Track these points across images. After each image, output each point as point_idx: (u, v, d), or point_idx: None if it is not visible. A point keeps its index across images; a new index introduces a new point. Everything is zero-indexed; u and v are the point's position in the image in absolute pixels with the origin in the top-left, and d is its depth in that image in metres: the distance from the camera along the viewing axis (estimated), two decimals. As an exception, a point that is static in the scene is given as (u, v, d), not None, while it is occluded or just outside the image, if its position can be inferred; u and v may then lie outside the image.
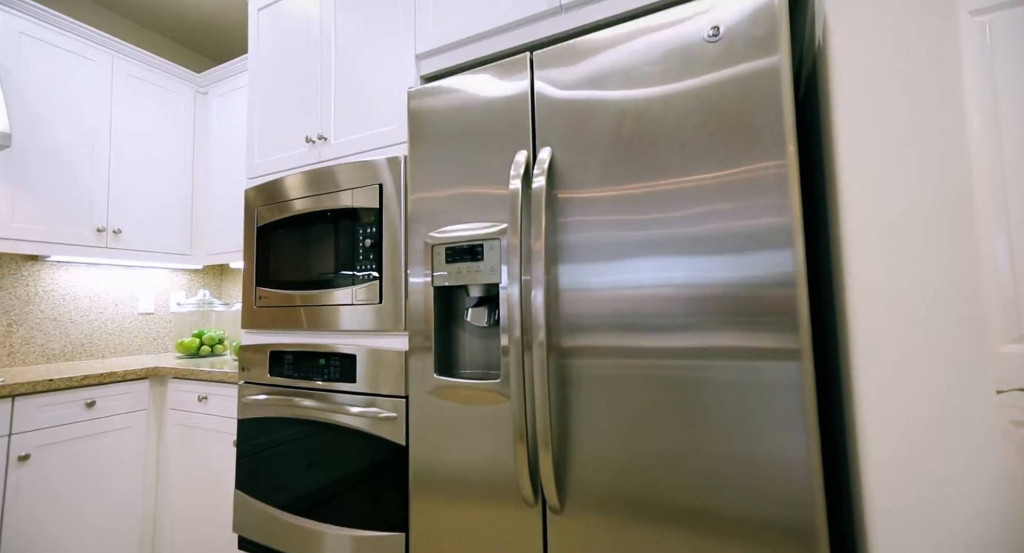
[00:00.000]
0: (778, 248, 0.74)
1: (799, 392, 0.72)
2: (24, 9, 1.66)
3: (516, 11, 1.11)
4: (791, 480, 0.72)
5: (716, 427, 0.77)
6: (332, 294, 1.30)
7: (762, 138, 0.76)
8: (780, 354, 0.73)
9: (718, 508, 0.76)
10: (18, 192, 1.62)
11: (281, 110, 1.51)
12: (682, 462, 0.79)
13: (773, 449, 0.73)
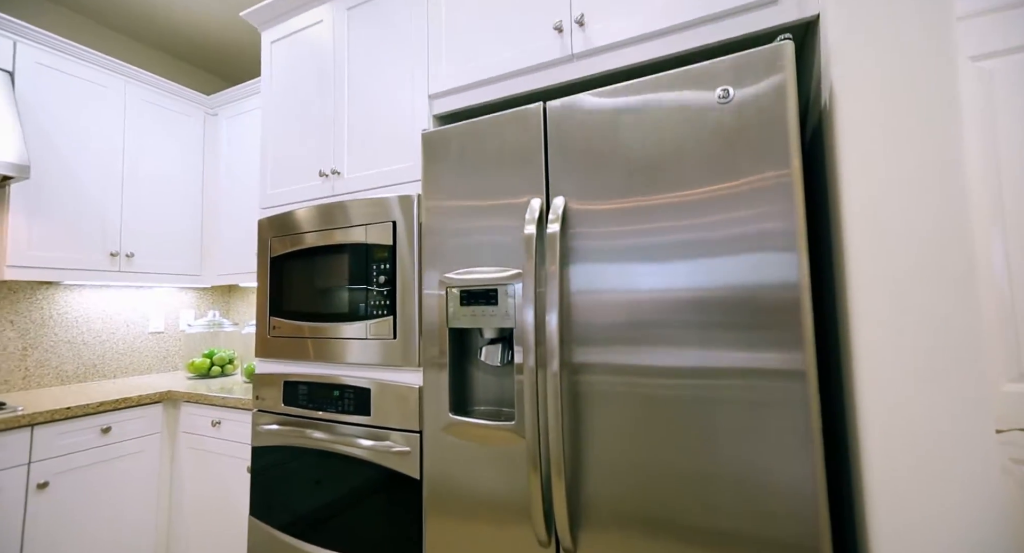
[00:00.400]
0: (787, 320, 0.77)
1: (805, 414, 0.75)
2: (41, 40, 1.69)
3: (529, 58, 1.14)
4: (798, 501, 0.75)
5: (726, 450, 0.80)
6: (346, 327, 1.33)
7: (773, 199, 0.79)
8: (786, 376, 0.76)
9: (729, 530, 0.79)
10: (35, 221, 1.65)
11: (295, 143, 1.54)
12: (693, 487, 0.82)
13: (781, 470, 0.76)
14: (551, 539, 0.95)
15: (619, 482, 0.88)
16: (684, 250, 0.85)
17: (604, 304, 0.92)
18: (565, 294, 0.95)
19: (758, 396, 0.79)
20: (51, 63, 1.71)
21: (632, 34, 1.02)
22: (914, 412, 0.71)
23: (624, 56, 1.04)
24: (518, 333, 1.00)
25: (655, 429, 0.86)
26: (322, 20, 1.50)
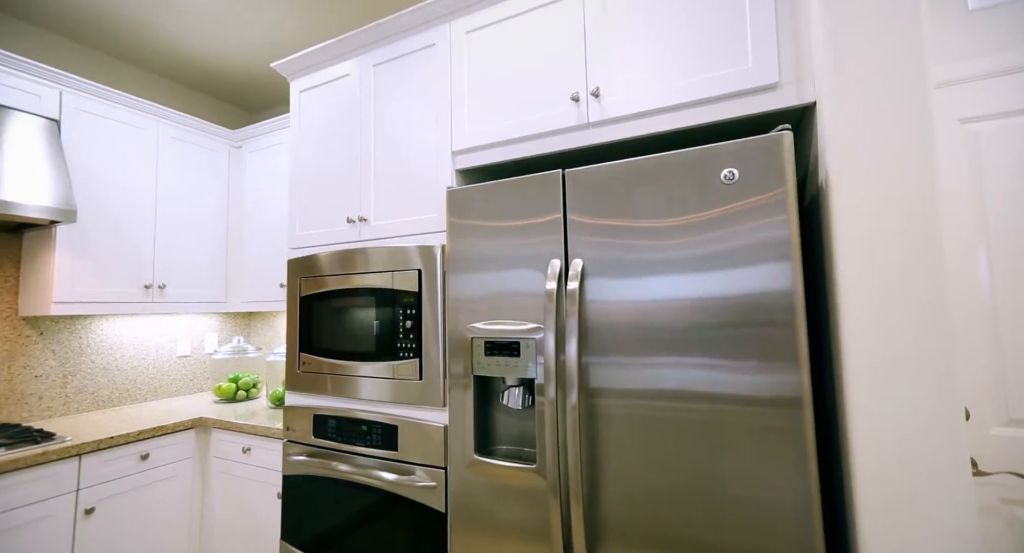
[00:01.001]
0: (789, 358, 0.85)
1: (802, 439, 0.84)
2: (84, 88, 1.80)
3: (548, 123, 1.23)
4: (796, 520, 0.83)
5: (729, 469, 0.88)
6: (372, 367, 1.42)
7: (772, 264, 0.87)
8: (790, 403, 0.85)
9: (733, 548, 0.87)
10: (78, 259, 1.75)
11: (322, 188, 1.63)
12: (699, 508, 0.90)
13: (780, 491, 0.84)
14: (570, 575, 1.03)
15: (631, 507, 0.97)
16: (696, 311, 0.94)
17: (619, 349, 1.00)
18: (584, 340, 1.04)
19: (760, 422, 0.87)
20: (92, 109, 1.82)
21: (644, 108, 1.10)
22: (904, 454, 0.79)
23: (637, 127, 1.12)
24: (540, 381, 1.08)
25: (663, 454, 0.94)
26: (349, 74, 1.60)
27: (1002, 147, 1.20)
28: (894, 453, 0.80)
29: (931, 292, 0.79)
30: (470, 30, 1.37)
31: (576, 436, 0.99)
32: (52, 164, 1.62)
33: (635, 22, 1.13)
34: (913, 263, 0.80)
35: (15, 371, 1.79)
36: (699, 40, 1.06)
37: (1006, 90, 1.19)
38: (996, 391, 1.19)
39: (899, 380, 0.80)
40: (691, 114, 1.07)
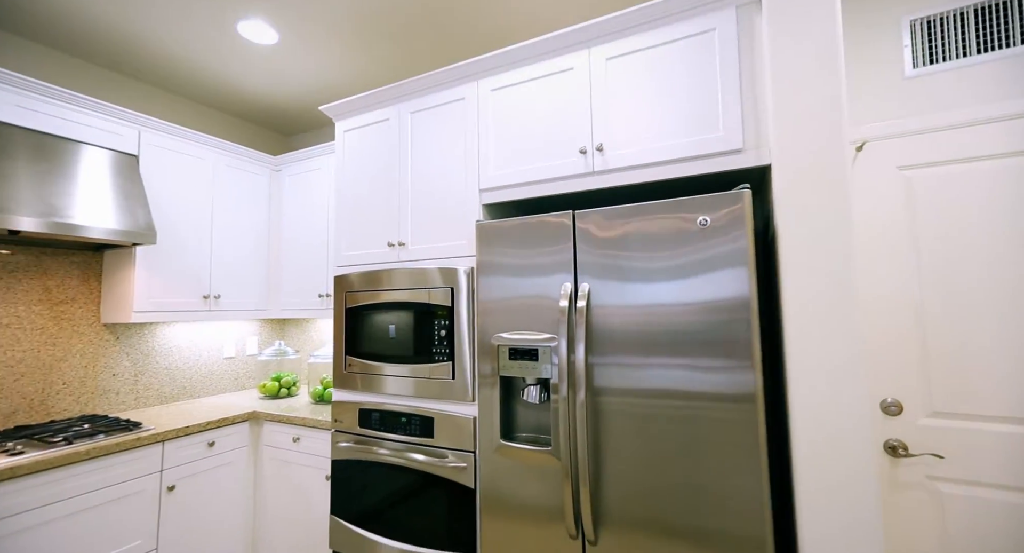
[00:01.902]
0: (746, 362, 1.13)
1: (755, 431, 1.10)
2: (158, 126, 2.08)
3: (559, 170, 1.50)
4: (751, 501, 1.10)
5: (699, 459, 1.15)
6: (412, 368, 1.69)
7: (734, 291, 1.15)
8: (744, 399, 1.12)
9: (704, 526, 1.14)
10: (152, 274, 2.04)
11: (365, 216, 1.91)
12: (677, 492, 1.17)
13: (740, 476, 1.11)
14: (579, 533, 1.30)
15: (627, 490, 1.24)
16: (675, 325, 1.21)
17: (616, 354, 1.27)
18: (592, 349, 1.31)
19: (724, 415, 1.14)
20: (164, 144, 2.10)
21: (638, 162, 1.38)
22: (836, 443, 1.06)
23: (632, 176, 1.40)
24: (558, 378, 1.36)
25: (652, 443, 1.22)
26: (389, 118, 1.88)
27: (929, 189, 1.47)
28: (820, 432, 1.07)
29: (846, 315, 1.06)
30: (495, 88, 1.64)
31: (584, 426, 1.27)
32: (135, 194, 1.90)
33: (631, 92, 1.40)
34: (833, 294, 1.07)
35: (98, 370, 2.07)
36: (682, 110, 1.33)
37: (931, 145, 1.46)
38: (924, 390, 1.45)
39: (823, 378, 1.07)
40: (676, 168, 1.34)
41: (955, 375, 1.41)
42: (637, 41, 1.40)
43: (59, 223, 1.61)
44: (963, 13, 1.46)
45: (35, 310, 1.90)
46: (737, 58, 1.27)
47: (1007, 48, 1.40)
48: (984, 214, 1.40)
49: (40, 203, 1.60)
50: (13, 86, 1.67)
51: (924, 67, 1.50)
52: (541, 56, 1.55)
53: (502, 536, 1.43)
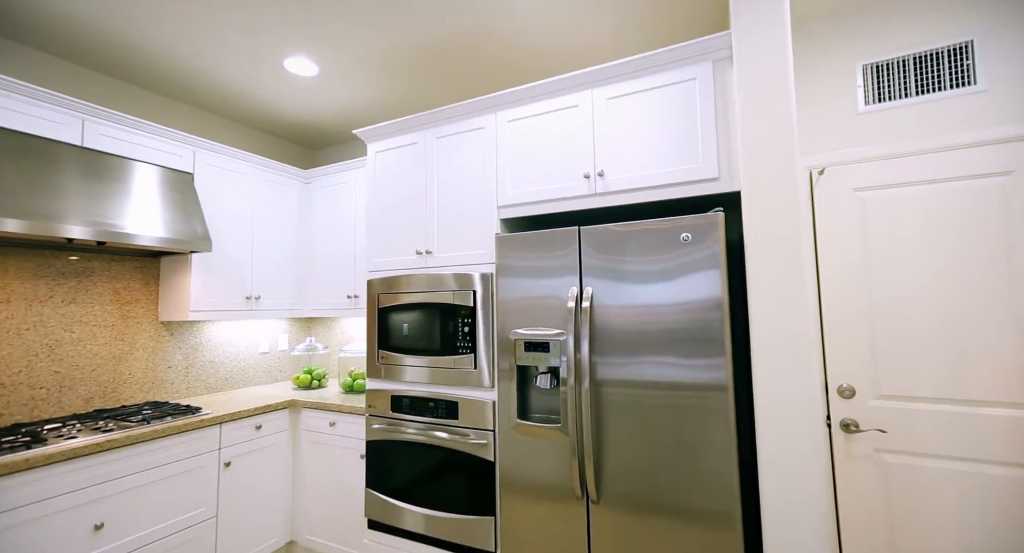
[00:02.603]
0: (718, 352, 1.40)
1: (727, 417, 1.37)
2: (210, 146, 2.35)
3: (566, 191, 1.77)
4: (723, 480, 1.37)
5: (678, 441, 1.42)
6: (438, 360, 1.96)
7: (710, 296, 1.42)
8: (717, 388, 1.39)
9: (683, 502, 1.41)
10: (205, 278, 2.30)
11: (394, 226, 2.18)
12: (659, 470, 1.45)
13: (714, 457, 1.38)
14: (583, 494, 1.57)
15: (622, 463, 1.51)
16: (661, 322, 1.48)
17: (615, 347, 1.55)
18: (594, 342, 1.58)
19: (700, 404, 1.41)
20: (214, 162, 2.37)
21: (633, 186, 1.65)
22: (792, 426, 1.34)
23: (628, 197, 1.67)
24: (565, 368, 1.63)
25: (644, 427, 1.49)
26: (416, 142, 2.15)
27: (878, 207, 1.74)
28: (777, 410, 1.34)
29: (797, 315, 1.33)
30: (510, 120, 1.91)
31: (588, 409, 1.54)
32: (193, 207, 2.17)
33: (627, 127, 1.68)
34: (788, 297, 1.34)
35: (156, 362, 2.34)
36: (669, 143, 1.61)
37: (880, 170, 1.74)
38: (872, 377, 1.73)
39: (779, 366, 1.34)
40: (664, 192, 1.61)
41: (897, 364, 1.68)
42: (633, 85, 1.67)
43: (135, 235, 1.88)
44: (904, 60, 1.73)
45: (107, 309, 2.17)
46: (713, 102, 1.54)
47: (939, 91, 1.68)
48: (921, 228, 1.67)
49: (120, 217, 1.86)
50: (97, 117, 1.93)
51: (874, 104, 1.78)
52: (551, 94, 1.82)
53: (518, 499, 1.70)
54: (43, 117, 1.78)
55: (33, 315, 1.93)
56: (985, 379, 1.56)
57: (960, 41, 1.66)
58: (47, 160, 1.74)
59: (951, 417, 1.60)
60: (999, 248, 1.57)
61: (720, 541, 1.37)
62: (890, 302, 1.71)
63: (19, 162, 1.66)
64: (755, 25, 1.42)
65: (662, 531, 1.44)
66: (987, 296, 1.57)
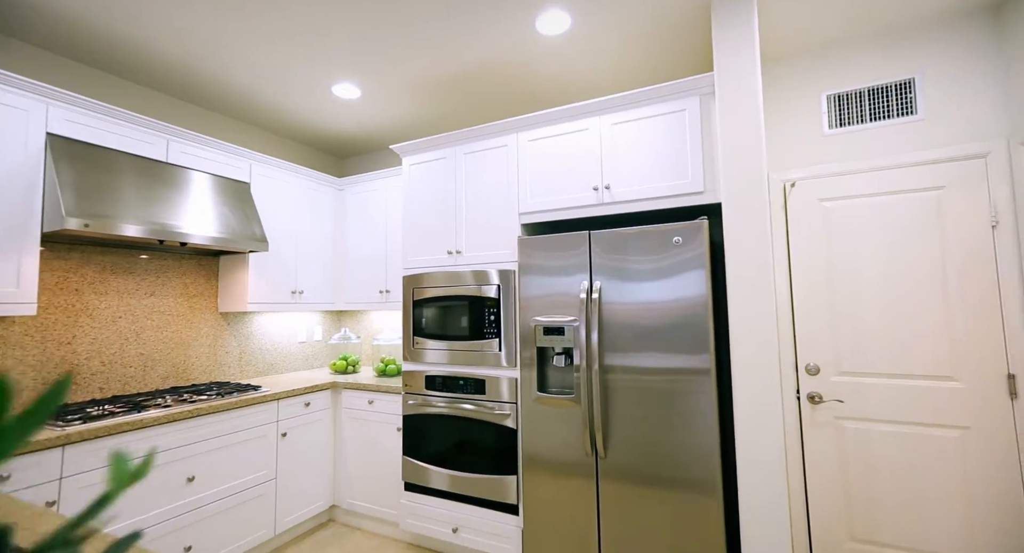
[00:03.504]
0: (704, 340, 1.73)
1: (711, 398, 1.71)
2: (263, 159, 2.68)
3: (578, 201, 2.10)
4: (707, 453, 1.70)
5: (671, 418, 1.76)
6: (467, 344, 2.29)
7: (697, 289, 1.75)
8: (702, 372, 1.72)
9: (673, 472, 1.75)
10: (259, 274, 2.63)
11: (427, 229, 2.51)
12: (654, 442, 1.78)
13: (699, 434, 1.72)
14: (593, 452, 1.91)
15: (625, 429, 1.85)
16: (655, 314, 1.82)
17: (619, 333, 1.88)
18: (602, 329, 1.92)
19: (687, 387, 1.75)
20: (266, 173, 2.71)
21: (634, 197, 1.98)
22: (761, 400, 1.67)
23: (630, 206, 2.00)
24: (577, 351, 1.96)
25: (643, 406, 1.82)
26: (446, 157, 2.48)
27: (841, 216, 2.08)
28: (748, 383, 1.67)
29: (763, 306, 1.67)
30: (530, 139, 2.25)
31: (597, 384, 1.87)
32: (251, 212, 2.50)
33: (629, 148, 2.01)
34: (757, 293, 1.68)
35: (216, 349, 2.67)
36: (664, 162, 1.94)
37: (841, 184, 2.07)
38: (834, 357, 2.06)
39: (750, 346, 1.67)
40: (660, 202, 1.95)
41: (853, 346, 2.02)
42: (634, 113, 2.01)
43: (210, 237, 2.21)
44: (860, 92, 2.07)
45: (178, 301, 2.50)
46: (700, 129, 1.88)
47: (888, 119, 2.01)
48: (874, 233, 2.01)
49: (197, 223, 2.19)
50: (178, 137, 2.27)
51: (836, 128, 2.12)
52: (565, 119, 2.16)
53: (536, 459, 2.03)
54: (133, 137, 2.11)
55: (124, 306, 2.26)
56: (922, 358, 1.90)
57: (905, 77, 2.00)
58: (136, 173, 2.07)
59: (895, 388, 1.94)
60: (935, 249, 1.91)
61: (705, 487, 1.71)
62: (849, 294, 2.05)
63: (114, 175, 1.99)
64: (732, 69, 1.76)
65: (659, 480, 1.78)
66: (925, 289, 1.91)
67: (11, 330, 1.90)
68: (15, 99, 1.73)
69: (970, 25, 1.92)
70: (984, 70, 1.88)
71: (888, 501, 1.92)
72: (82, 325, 2.11)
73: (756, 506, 1.63)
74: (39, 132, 1.79)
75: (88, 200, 1.80)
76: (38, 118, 1.79)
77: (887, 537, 1.91)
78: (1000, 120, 1.85)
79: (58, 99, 1.84)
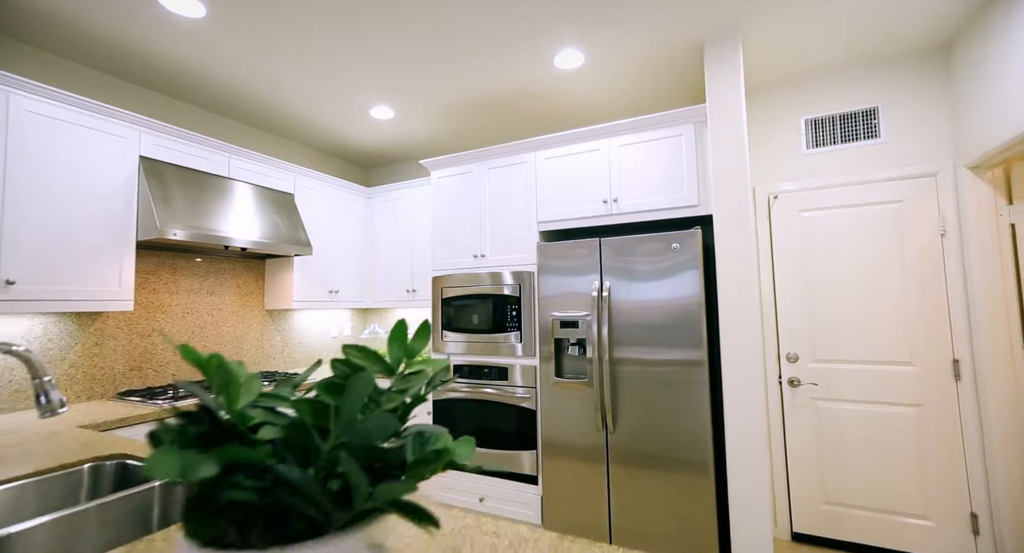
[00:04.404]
0: (698, 335, 2.06)
1: (704, 386, 2.03)
2: (304, 172, 2.99)
3: (590, 211, 2.43)
4: (701, 435, 2.03)
5: (671, 405, 2.08)
6: (491, 336, 2.61)
7: (692, 289, 2.08)
8: (698, 364, 2.04)
9: (670, 451, 2.07)
10: (302, 275, 2.95)
11: (454, 235, 2.83)
12: (653, 423, 2.10)
13: (695, 418, 2.04)
14: (603, 428, 2.23)
15: (630, 408, 2.17)
16: (657, 311, 2.14)
17: (626, 327, 2.20)
18: (611, 323, 2.24)
19: (684, 377, 2.07)
20: (308, 184, 3.02)
21: (638, 209, 2.30)
22: (745, 386, 1.99)
23: (635, 217, 2.33)
24: (589, 341, 2.28)
25: (646, 393, 2.14)
26: (471, 171, 2.80)
27: (817, 225, 2.40)
28: (735, 369, 1.99)
29: (748, 301, 1.99)
30: (547, 157, 2.57)
31: (607, 374, 2.19)
32: (297, 220, 2.82)
33: (634, 166, 2.33)
34: (743, 291, 2.00)
35: (263, 342, 2.98)
36: (664, 179, 2.26)
37: (817, 197, 2.40)
38: (811, 346, 2.39)
39: (737, 337, 2.00)
40: (660, 213, 2.27)
41: (827, 336, 2.35)
42: (638, 137, 2.33)
43: (266, 242, 2.52)
44: (833, 117, 2.40)
45: (232, 299, 2.81)
46: (695, 152, 2.20)
47: (856, 141, 2.34)
48: (844, 240, 2.34)
49: (254, 229, 2.51)
50: (237, 154, 2.58)
51: (813, 148, 2.44)
52: (578, 141, 2.48)
53: (554, 436, 2.35)
54: (203, 156, 2.42)
55: (189, 303, 2.57)
56: (883, 346, 2.23)
57: (870, 106, 2.33)
58: (205, 187, 2.38)
59: (861, 373, 2.26)
60: (894, 254, 2.23)
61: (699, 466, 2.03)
62: (823, 292, 2.37)
63: (190, 190, 2.30)
64: (721, 102, 2.08)
65: (659, 458, 2.10)
66: (886, 287, 2.24)
67: (107, 324, 2.21)
68: (117, 128, 2.04)
69: (924, 64, 2.25)
70: (935, 102, 2.21)
71: (855, 469, 2.25)
72: (158, 320, 2.43)
73: (742, 475, 1.95)
74: (134, 155, 2.10)
75: (175, 212, 2.12)
76: (133, 143, 2.10)
77: (854, 499, 2.24)
78: (948, 145, 2.18)
79: (148, 127, 2.16)
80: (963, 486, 2.06)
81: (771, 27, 2.06)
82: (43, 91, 1.82)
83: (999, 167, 2.04)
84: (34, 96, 1.79)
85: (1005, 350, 1.98)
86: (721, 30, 2.07)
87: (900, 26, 2.07)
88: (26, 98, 1.77)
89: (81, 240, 1.92)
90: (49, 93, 1.83)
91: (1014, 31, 1.75)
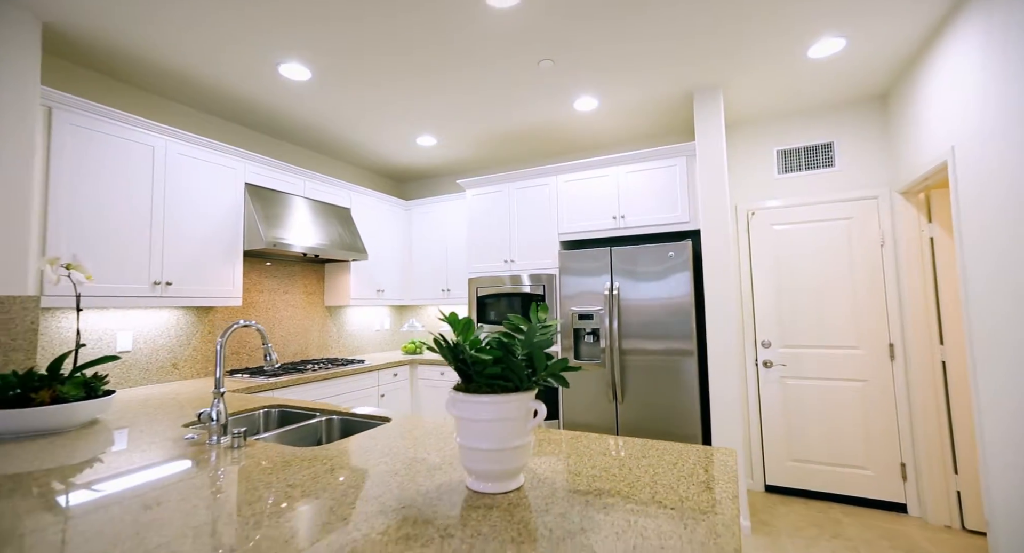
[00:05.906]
0: (688, 328, 2.61)
1: (694, 372, 2.59)
2: (358, 189, 3.53)
3: (601, 225, 2.98)
4: (693, 413, 2.58)
5: (668, 389, 2.63)
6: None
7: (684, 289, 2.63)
8: (689, 353, 2.59)
9: (668, 427, 2.62)
10: (357, 277, 3.49)
11: (486, 244, 3.37)
12: (652, 404, 2.65)
13: (687, 399, 2.59)
14: (614, 399, 2.78)
15: (636, 385, 2.72)
16: (656, 307, 2.69)
17: (632, 319, 2.75)
18: (620, 316, 2.79)
19: (677, 365, 2.62)
20: (359, 200, 3.56)
21: (642, 223, 2.86)
22: (728, 370, 2.54)
23: (639, 230, 2.88)
24: (602, 330, 2.83)
25: (647, 380, 2.69)
26: (501, 191, 3.35)
27: (786, 237, 2.96)
28: (719, 354, 2.55)
29: (727, 298, 2.54)
30: (566, 180, 3.12)
31: (617, 356, 2.74)
32: (354, 230, 3.35)
33: (638, 189, 2.89)
34: (725, 297, 2.56)
35: (324, 333, 3.52)
36: (662, 200, 2.82)
37: (787, 214, 2.96)
38: (781, 334, 2.94)
39: (721, 330, 2.55)
40: (659, 228, 2.83)
41: (792, 326, 2.90)
42: (641, 166, 2.88)
43: (335, 250, 3.06)
44: (799, 149, 2.96)
45: (300, 298, 3.35)
46: (686, 178, 2.75)
47: (817, 169, 2.90)
48: (806, 249, 2.90)
49: (325, 239, 3.04)
50: (311, 178, 3.12)
51: (784, 173, 3.00)
52: (592, 168, 3.03)
53: (573, 406, 2.90)
54: (286, 180, 2.96)
55: (270, 301, 3.11)
56: (836, 333, 2.79)
57: (828, 141, 2.89)
58: (288, 205, 2.92)
59: (819, 355, 2.82)
60: (845, 260, 2.79)
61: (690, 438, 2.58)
62: (790, 290, 2.93)
63: (278, 207, 2.83)
64: (707, 142, 2.63)
65: (657, 433, 2.65)
66: (838, 287, 2.80)
67: (216, 317, 2.74)
68: (229, 160, 2.58)
69: (868, 108, 2.81)
70: (876, 139, 2.78)
71: (814, 432, 2.81)
72: (250, 314, 2.96)
73: (723, 439, 2.50)
74: (240, 182, 2.64)
75: (273, 227, 2.66)
76: (240, 173, 2.64)
77: (813, 456, 2.80)
78: (886, 174, 2.74)
79: (251, 158, 2.70)
80: (895, 443, 2.62)
81: (745, 83, 2.62)
82: (187, 137, 2.35)
83: (922, 192, 2.61)
84: (182, 142, 2.33)
85: (926, 337, 2.55)
86: (706, 85, 2.63)
87: (848, 79, 2.63)
88: (177, 144, 2.31)
89: (207, 250, 2.45)
90: (191, 138, 2.37)
91: (931, 86, 2.30)
